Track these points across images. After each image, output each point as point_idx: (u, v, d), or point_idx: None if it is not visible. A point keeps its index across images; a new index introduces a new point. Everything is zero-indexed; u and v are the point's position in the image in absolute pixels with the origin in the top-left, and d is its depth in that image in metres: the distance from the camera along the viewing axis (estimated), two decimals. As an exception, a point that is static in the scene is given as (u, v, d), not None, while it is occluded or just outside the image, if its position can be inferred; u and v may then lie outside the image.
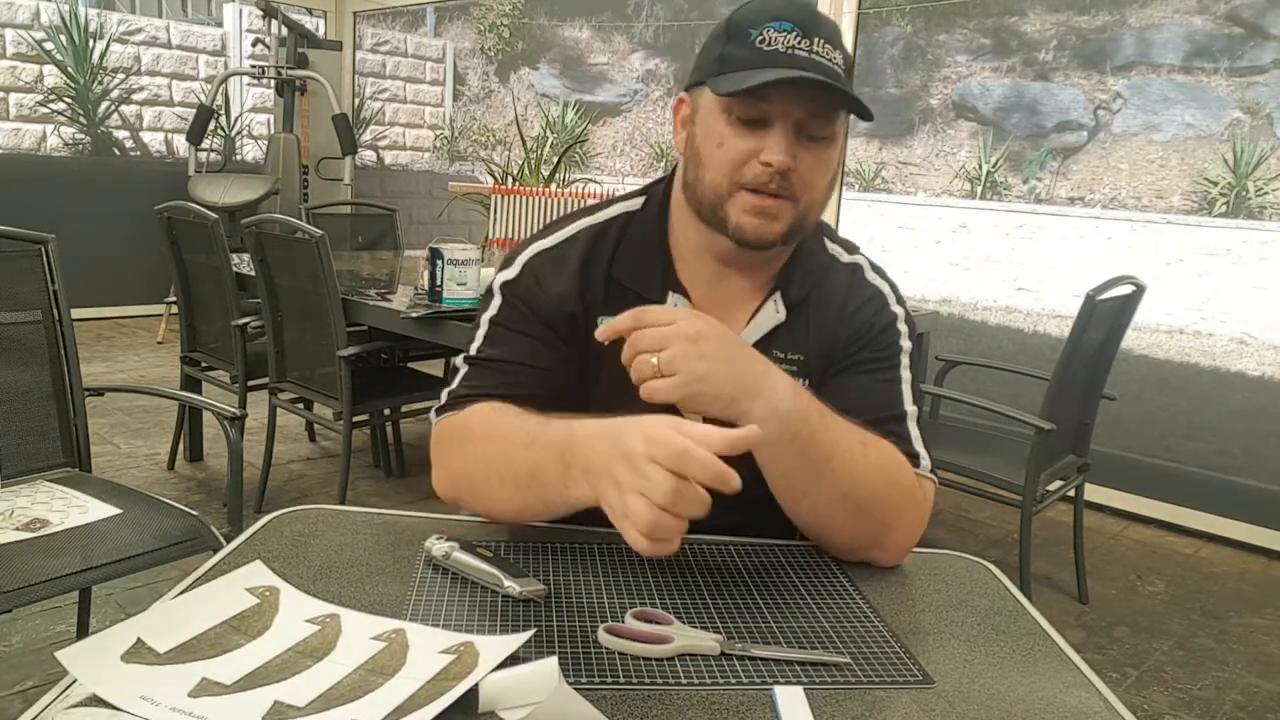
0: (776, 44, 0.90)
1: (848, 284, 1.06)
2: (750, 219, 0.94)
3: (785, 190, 0.92)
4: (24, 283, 1.75)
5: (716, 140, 0.93)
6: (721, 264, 1.01)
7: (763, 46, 0.90)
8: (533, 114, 10.34)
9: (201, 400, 2.11)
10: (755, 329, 1.02)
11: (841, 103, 0.92)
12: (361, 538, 0.93)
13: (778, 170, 0.91)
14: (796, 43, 0.90)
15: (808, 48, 0.90)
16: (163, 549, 1.54)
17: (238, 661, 0.67)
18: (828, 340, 1.03)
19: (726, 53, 0.93)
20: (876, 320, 1.03)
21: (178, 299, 3.18)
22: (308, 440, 3.69)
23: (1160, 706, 2.15)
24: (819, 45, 0.91)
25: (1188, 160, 9.03)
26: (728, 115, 0.93)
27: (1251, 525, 3.15)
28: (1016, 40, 9.51)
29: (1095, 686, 0.75)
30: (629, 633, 0.76)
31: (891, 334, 1.03)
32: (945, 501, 3.39)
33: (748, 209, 0.93)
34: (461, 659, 0.68)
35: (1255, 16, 8.28)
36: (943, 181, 10.60)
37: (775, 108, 0.90)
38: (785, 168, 0.91)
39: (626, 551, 0.94)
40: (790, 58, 0.90)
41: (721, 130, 0.93)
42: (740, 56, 0.92)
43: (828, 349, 1.03)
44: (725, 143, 0.93)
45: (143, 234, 5.20)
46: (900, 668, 0.75)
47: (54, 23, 6.49)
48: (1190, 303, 8.45)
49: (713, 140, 0.94)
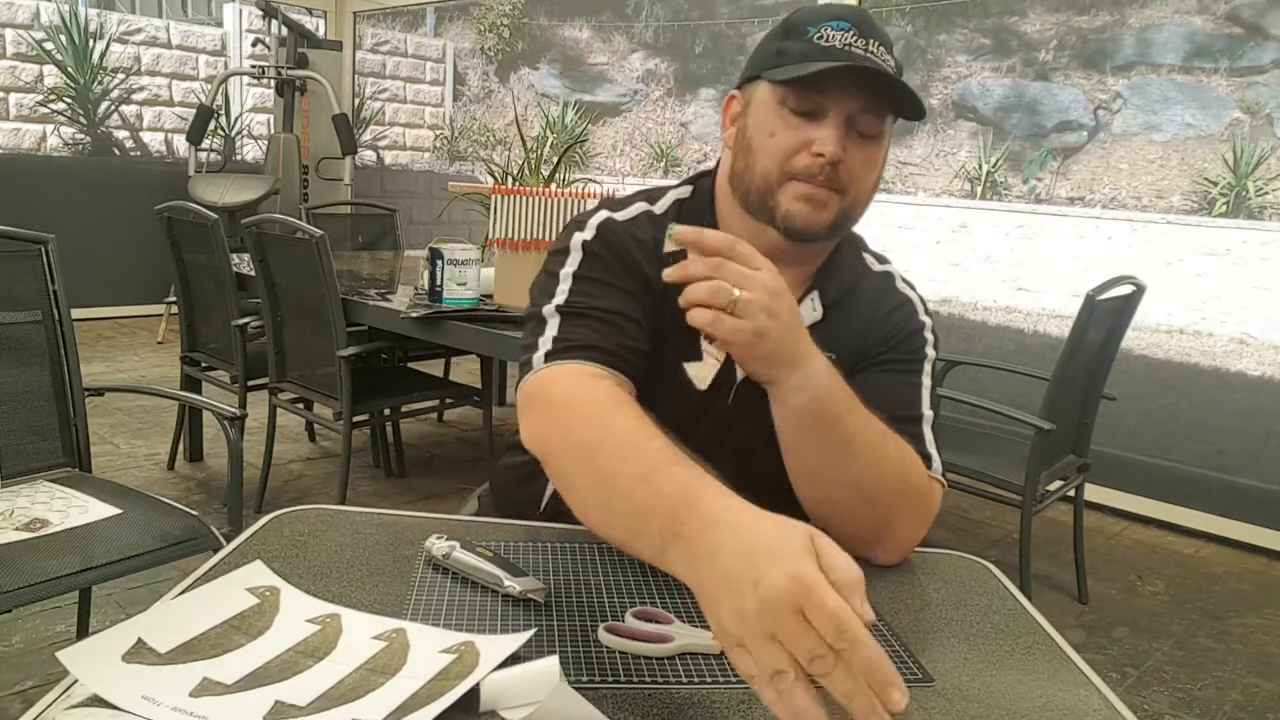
0: (834, 41, 0.93)
1: (880, 291, 1.08)
2: (800, 206, 0.95)
3: (834, 182, 0.94)
4: (24, 283, 1.75)
5: (769, 131, 0.95)
6: (763, 254, 1.02)
7: (820, 42, 0.93)
8: (533, 114, 10.34)
9: (201, 400, 2.11)
10: None
11: (896, 95, 0.93)
12: (362, 537, 0.93)
13: (829, 161, 0.92)
14: (853, 40, 0.92)
15: (864, 47, 0.92)
16: (163, 549, 1.54)
17: (239, 661, 0.67)
18: (858, 341, 1.04)
19: (784, 47, 0.95)
20: (905, 325, 1.06)
21: (178, 299, 3.18)
22: (308, 440, 3.68)
23: (1160, 706, 2.15)
24: (874, 46, 0.93)
25: (1188, 160, 9.02)
26: (782, 107, 0.94)
27: (1251, 525, 3.15)
28: (1016, 40, 9.51)
29: (1095, 686, 0.75)
30: (629, 632, 0.76)
31: (918, 340, 1.06)
32: (945, 501, 3.36)
33: (798, 196, 0.95)
34: (462, 658, 0.68)
35: (1255, 16, 8.28)
36: (943, 181, 10.60)
37: (829, 100, 0.92)
38: (836, 159, 0.92)
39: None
40: (847, 54, 0.92)
41: (774, 121, 0.95)
42: (798, 50, 0.94)
43: (857, 350, 1.04)
44: (778, 133, 0.94)
45: (143, 234, 5.20)
46: (900, 666, 0.75)
47: (54, 23, 6.49)
48: (1190, 303, 8.45)
49: (765, 131, 0.95)
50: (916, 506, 0.97)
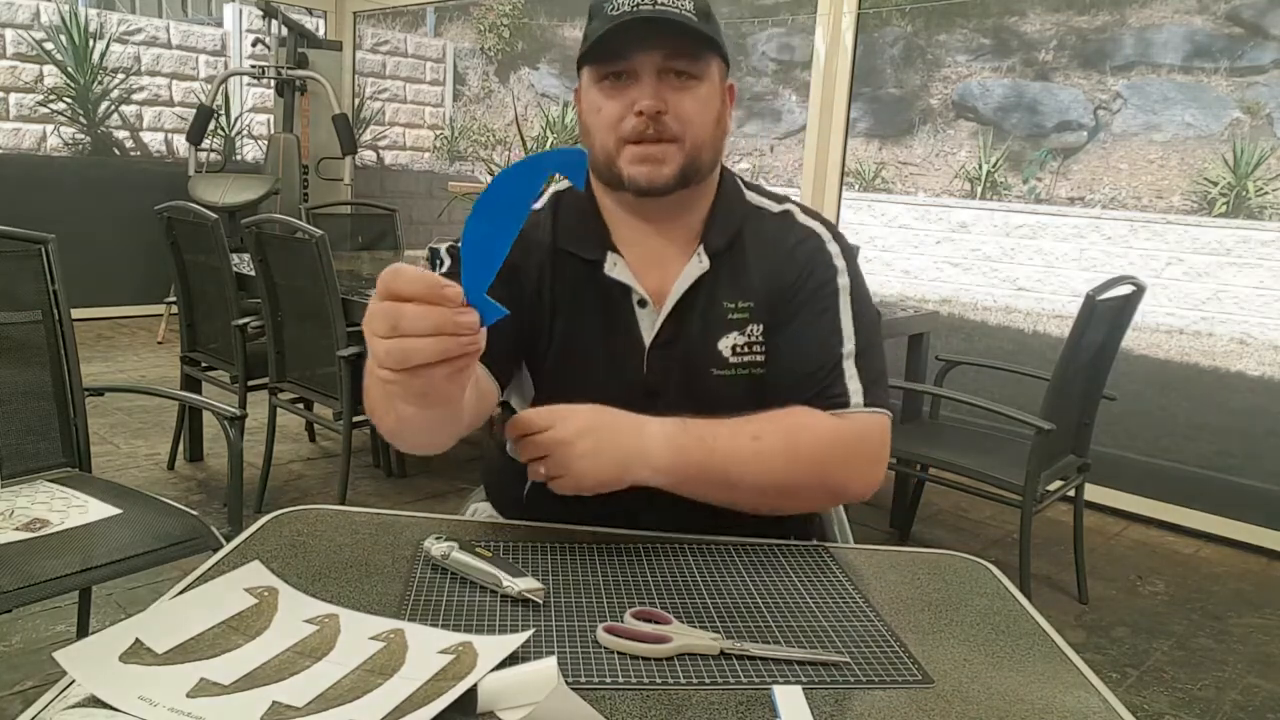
0: (623, 5, 0.96)
1: (781, 230, 1.09)
2: (638, 168, 0.99)
3: (665, 133, 0.98)
4: (24, 283, 1.75)
5: (596, 107, 1.00)
6: (643, 221, 1.06)
7: (611, 12, 0.97)
8: (533, 114, 10.34)
9: (201, 400, 2.11)
10: (684, 280, 1.04)
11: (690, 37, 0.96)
12: (360, 538, 0.93)
13: (649, 115, 0.96)
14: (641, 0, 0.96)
15: (653, 1, 0.95)
16: (163, 549, 1.54)
17: (236, 662, 0.67)
18: (774, 283, 1.06)
19: (589, 30, 1.00)
20: (813, 259, 1.06)
21: (178, 299, 3.18)
22: (308, 440, 3.68)
23: (1160, 706, 2.15)
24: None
25: (1188, 160, 9.01)
26: (600, 84, 1.00)
27: (1251, 525, 3.15)
28: (1016, 40, 9.50)
29: (1095, 686, 0.75)
30: (628, 632, 0.76)
31: (828, 271, 1.06)
32: (945, 501, 3.39)
33: (634, 159, 0.99)
34: (460, 659, 0.68)
35: (1255, 16, 8.27)
36: (943, 181, 10.60)
37: (634, 61, 0.97)
38: (654, 110, 0.96)
39: (626, 551, 0.94)
40: (633, 12, 0.95)
41: (596, 98, 1.00)
42: (595, 27, 0.98)
43: (776, 291, 1.05)
44: (603, 107, 0.99)
45: (143, 234, 5.20)
46: (899, 667, 0.75)
47: (54, 23, 6.48)
48: (1190, 303, 8.44)
49: (593, 109, 1.01)
50: (839, 459, 0.99)
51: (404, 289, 0.64)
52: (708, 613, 0.82)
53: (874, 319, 1.06)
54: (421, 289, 0.64)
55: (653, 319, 1.05)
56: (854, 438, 0.99)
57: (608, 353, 1.05)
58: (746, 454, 0.94)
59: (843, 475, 0.99)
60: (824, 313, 1.04)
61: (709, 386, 1.04)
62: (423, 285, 0.64)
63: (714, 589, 0.87)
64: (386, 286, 0.65)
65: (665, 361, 1.05)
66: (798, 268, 1.06)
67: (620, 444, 0.91)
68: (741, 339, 1.05)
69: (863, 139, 10.74)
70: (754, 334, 1.05)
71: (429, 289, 0.64)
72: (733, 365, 1.05)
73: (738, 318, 1.05)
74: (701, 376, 1.04)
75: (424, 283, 0.64)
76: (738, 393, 1.04)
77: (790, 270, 1.06)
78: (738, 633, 0.79)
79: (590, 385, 0.96)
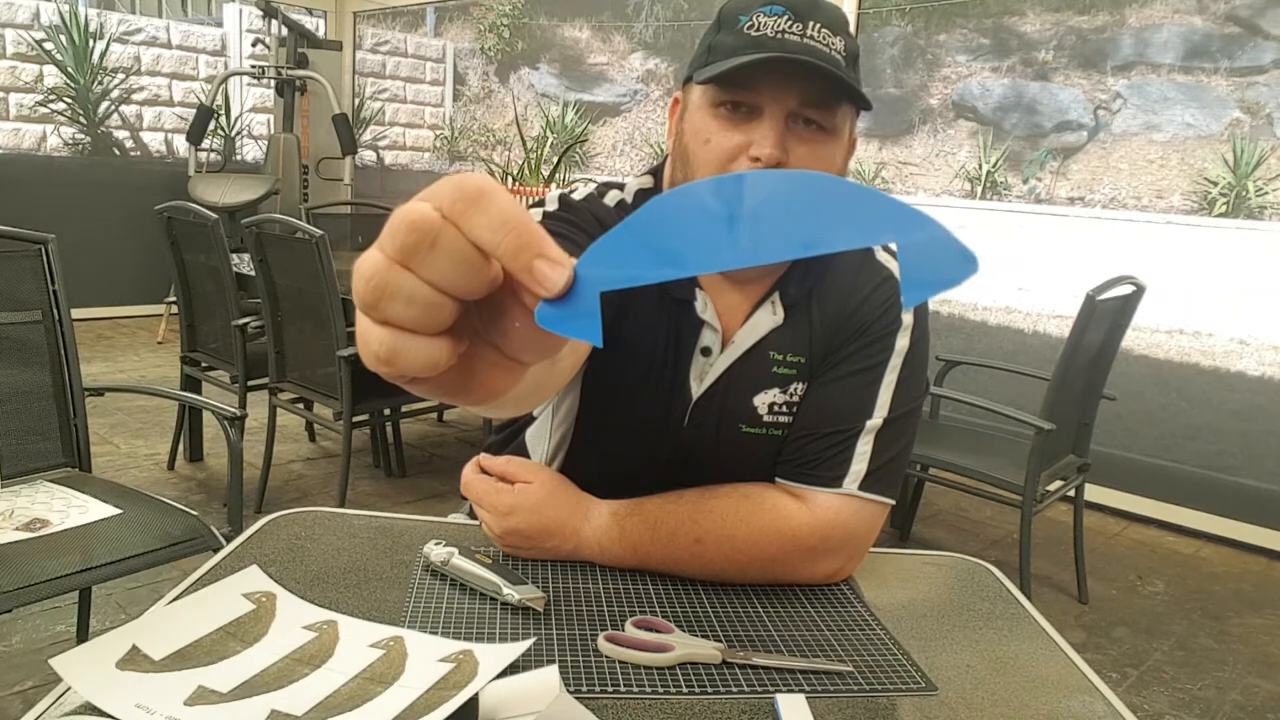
0: (766, 29, 0.84)
1: (857, 268, 0.96)
2: None
3: None
4: (24, 283, 1.75)
5: (704, 137, 0.87)
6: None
7: (751, 32, 0.84)
8: (533, 114, 10.31)
9: (201, 400, 2.10)
10: (751, 332, 0.94)
11: (834, 88, 0.84)
12: (359, 541, 0.93)
13: (766, 164, 0.83)
14: (788, 27, 0.83)
15: (800, 32, 0.83)
16: (163, 549, 1.54)
17: (234, 669, 0.67)
18: (834, 338, 0.95)
19: (716, 42, 0.87)
20: (883, 310, 0.94)
21: (178, 299, 3.17)
22: (308, 440, 3.68)
23: (1160, 706, 2.15)
24: (815, 30, 0.84)
25: (1188, 160, 9.01)
26: (715, 109, 0.86)
27: (1251, 525, 3.15)
28: (1016, 40, 9.49)
29: (1100, 691, 0.75)
30: (630, 641, 0.75)
31: (890, 325, 0.94)
32: (945, 501, 3.38)
33: None
34: (461, 668, 0.68)
35: (1255, 16, 8.27)
36: (943, 181, 10.59)
37: (765, 96, 0.84)
38: (775, 161, 0.83)
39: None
40: (779, 42, 0.83)
41: (709, 125, 0.87)
42: (728, 44, 0.85)
43: (827, 344, 0.95)
44: (713, 139, 0.86)
45: (143, 234, 5.20)
46: (903, 675, 0.75)
47: (54, 23, 6.48)
48: (1190, 303, 8.43)
49: (700, 137, 0.87)
50: (799, 561, 0.89)
51: (479, 221, 0.33)
52: (709, 621, 0.82)
53: (918, 392, 0.95)
54: (503, 235, 0.33)
55: (707, 368, 0.94)
56: (819, 536, 0.89)
57: (658, 399, 0.95)
58: (685, 556, 0.88)
59: (795, 573, 0.90)
60: (867, 372, 0.93)
61: (733, 441, 0.94)
62: (505, 231, 0.33)
63: (715, 597, 0.87)
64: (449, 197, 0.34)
65: (705, 414, 0.95)
66: (861, 320, 0.94)
67: (555, 515, 0.90)
68: (781, 397, 0.94)
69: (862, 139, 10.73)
70: (794, 393, 0.94)
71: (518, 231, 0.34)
72: (765, 424, 0.94)
73: (783, 373, 0.94)
74: (729, 432, 0.94)
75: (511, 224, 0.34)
76: (759, 451, 0.95)
77: (854, 323, 0.94)
78: (740, 641, 0.79)
79: (628, 429, 0.94)
